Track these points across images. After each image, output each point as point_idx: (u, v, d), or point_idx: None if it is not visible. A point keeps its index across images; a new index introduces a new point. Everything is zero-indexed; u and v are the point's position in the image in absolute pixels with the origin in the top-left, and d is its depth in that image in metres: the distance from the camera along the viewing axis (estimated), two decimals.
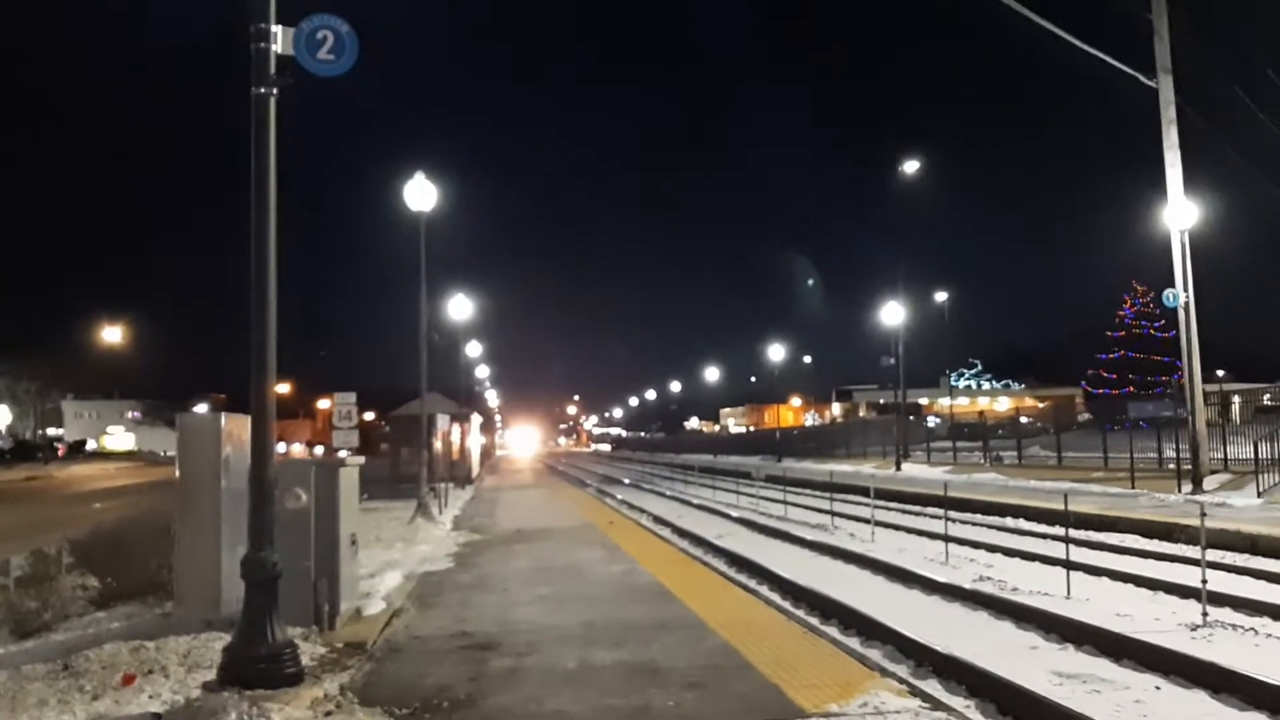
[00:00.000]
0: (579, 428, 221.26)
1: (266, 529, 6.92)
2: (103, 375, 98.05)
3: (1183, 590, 10.75)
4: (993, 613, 10.32)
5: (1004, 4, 20.82)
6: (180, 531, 8.56)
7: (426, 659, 7.62)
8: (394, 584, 11.20)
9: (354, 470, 9.27)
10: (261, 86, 6.96)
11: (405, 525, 18.41)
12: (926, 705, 6.03)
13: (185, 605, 8.35)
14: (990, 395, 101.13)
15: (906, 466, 39.41)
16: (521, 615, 9.39)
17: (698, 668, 7.03)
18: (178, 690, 6.48)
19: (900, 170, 43.37)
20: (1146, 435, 28.25)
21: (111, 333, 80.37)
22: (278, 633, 6.71)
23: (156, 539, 10.51)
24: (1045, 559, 13.76)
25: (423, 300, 22.04)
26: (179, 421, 9.10)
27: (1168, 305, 23.07)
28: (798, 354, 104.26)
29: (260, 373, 6.97)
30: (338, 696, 6.45)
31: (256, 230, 6.96)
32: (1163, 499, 20.36)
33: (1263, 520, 15.71)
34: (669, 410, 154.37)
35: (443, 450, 31.53)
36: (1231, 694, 7.01)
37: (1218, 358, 45.77)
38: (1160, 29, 22.27)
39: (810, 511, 22.90)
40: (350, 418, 19.66)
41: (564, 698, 6.39)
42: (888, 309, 44.00)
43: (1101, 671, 7.91)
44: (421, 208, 20.46)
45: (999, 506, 21.08)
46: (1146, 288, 71.47)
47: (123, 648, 7.25)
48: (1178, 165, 22.28)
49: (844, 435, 58.43)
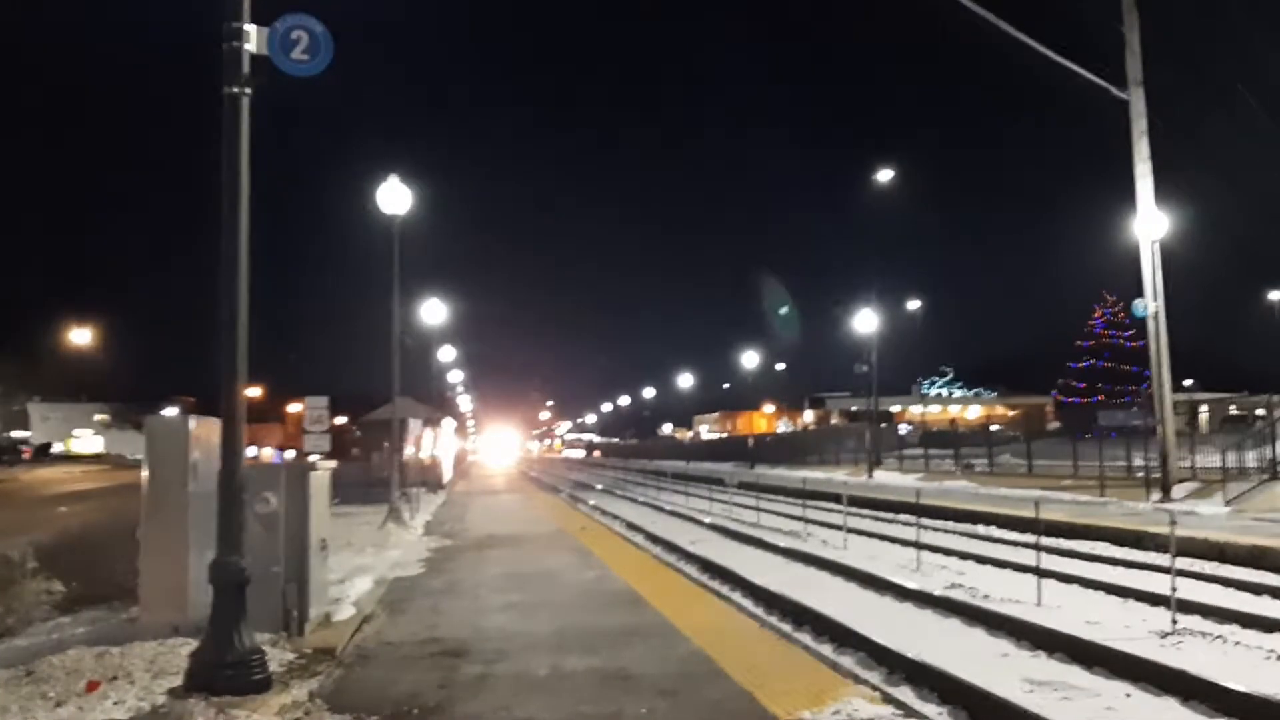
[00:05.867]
0: (552, 434, 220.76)
1: (235, 533, 6.83)
2: (70, 378, 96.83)
3: (1152, 598, 10.83)
4: (964, 620, 10.35)
5: (974, 13, 20.94)
6: (147, 536, 8.44)
7: (396, 665, 7.55)
8: (364, 589, 11.11)
9: (325, 474, 9.18)
10: (234, 86, 6.89)
11: (376, 530, 18.28)
12: (899, 712, 6.03)
13: (151, 611, 8.23)
14: (962, 403, 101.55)
15: (879, 474, 39.58)
16: (493, 622, 9.33)
17: (670, 675, 7.00)
18: (143, 697, 6.39)
19: (873, 179, 43.63)
20: (1116, 444, 28.52)
21: (80, 335, 79.58)
22: (246, 639, 6.62)
23: (123, 543, 10.37)
24: (1016, 566, 13.84)
25: (395, 304, 21.93)
26: (147, 425, 8.98)
27: (1137, 315, 23.31)
28: (771, 361, 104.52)
29: (230, 376, 6.90)
30: (306, 703, 6.37)
31: (228, 232, 6.88)
32: (1132, 507, 20.52)
33: (1230, 529, 15.87)
34: (642, 416, 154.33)
35: (415, 455, 31.35)
36: (1201, 701, 7.06)
37: (1186, 367, 46.17)
38: (1132, 42, 22.49)
39: (783, 518, 22.91)
40: (322, 422, 19.46)
41: (535, 705, 6.35)
42: (860, 317, 44.24)
43: (1072, 679, 7.94)
44: (395, 211, 20.37)
45: (971, 514, 21.19)
46: (1116, 298, 72.26)
47: (87, 653, 7.14)
48: (1148, 176, 22.49)
49: (817, 442, 58.72)
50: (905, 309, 73.78)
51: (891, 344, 57.99)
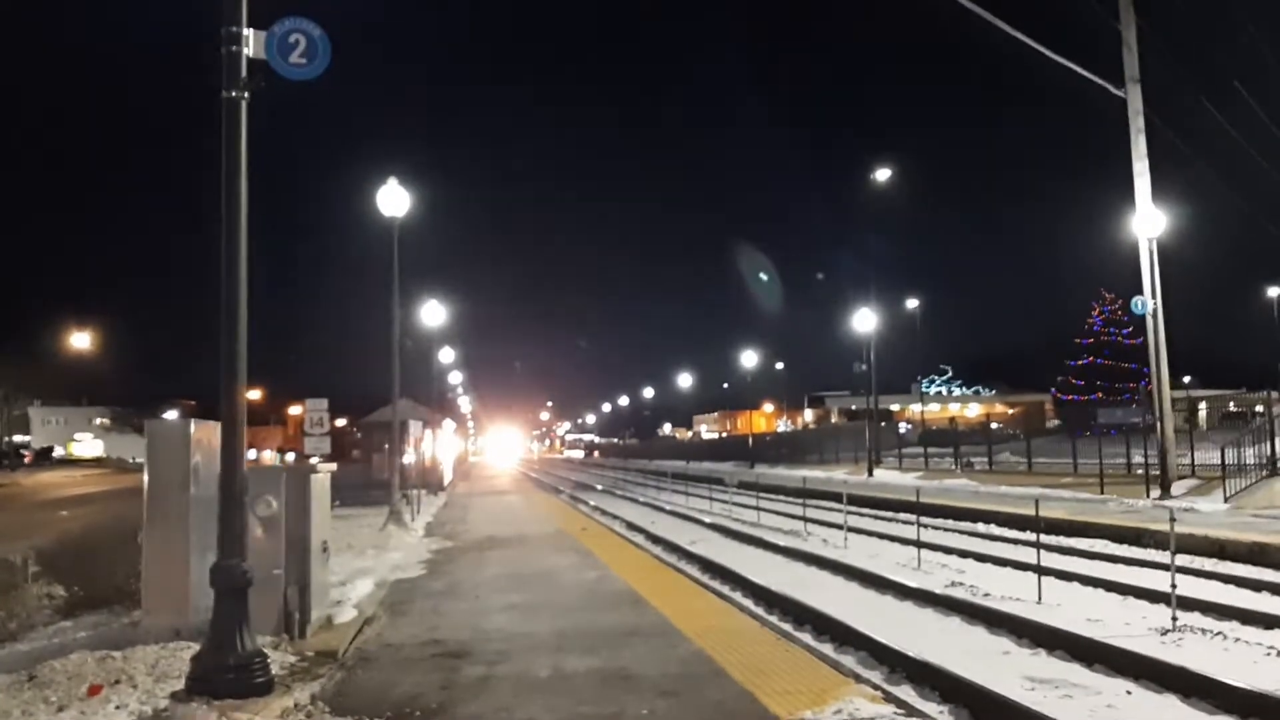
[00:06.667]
0: (552, 434, 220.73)
1: (236, 537, 6.84)
2: (71, 382, 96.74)
3: (1153, 595, 10.84)
4: (965, 618, 10.36)
5: (973, 11, 20.95)
6: (148, 539, 8.45)
7: (398, 667, 7.56)
8: (365, 591, 11.11)
9: (325, 477, 9.19)
10: (232, 90, 6.88)
11: (377, 532, 18.29)
12: (900, 711, 6.04)
13: (153, 614, 8.23)
14: (961, 401, 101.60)
15: (879, 472, 39.58)
16: (494, 623, 9.33)
17: (671, 675, 7.01)
18: (145, 701, 6.40)
19: (871, 178, 43.66)
20: (1115, 441, 28.51)
21: (80, 339, 79.32)
22: (247, 642, 6.63)
23: (124, 547, 10.39)
24: (1017, 564, 13.85)
25: (395, 306, 21.93)
26: (147, 428, 8.99)
27: (1136, 312, 23.30)
28: (770, 360, 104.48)
29: (230, 379, 6.90)
30: (308, 706, 6.38)
31: (227, 235, 6.88)
32: (1132, 504, 20.55)
33: (1230, 525, 15.88)
34: (642, 416, 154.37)
35: (415, 457, 31.35)
36: (1202, 698, 7.06)
37: (1185, 364, 46.29)
38: (1129, 39, 22.50)
39: (783, 517, 22.93)
40: (322, 424, 19.48)
41: (536, 706, 6.35)
42: (859, 316, 44.25)
43: (1073, 676, 7.95)
44: (394, 213, 20.39)
45: (971, 512, 21.20)
46: (1115, 295, 72.15)
47: (89, 657, 7.14)
48: (1146, 174, 22.51)
49: (816, 441, 58.70)
50: (904, 308, 73.94)
51: (891, 343, 58.16)
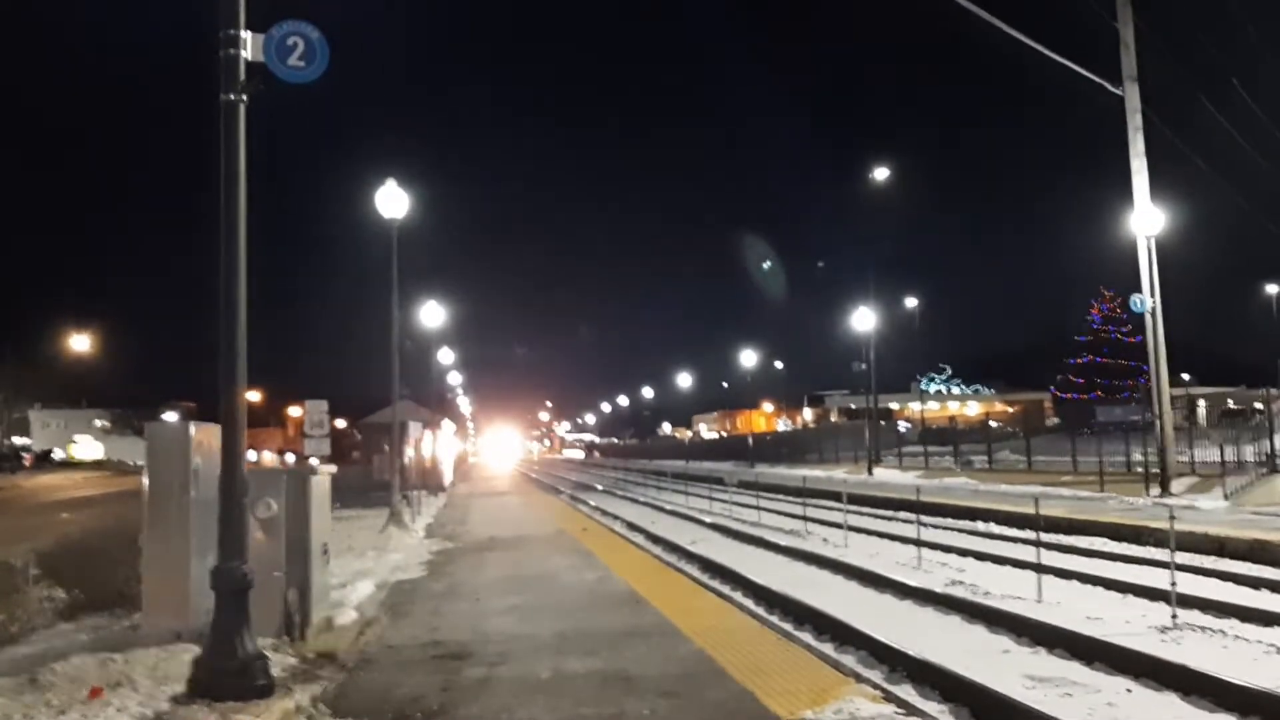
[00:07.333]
0: (551, 434, 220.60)
1: (237, 539, 6.84)
2: (70, 384, 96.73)
3: (1152, 593, 10.84)
4: (965, 617, 10.37)
5: (972, 11, 20.97)
6: (149, 542, 8.45)
7: (399, 669, 7.56)
8: (366, 593, 11.11)
9: (326, 478, 9.19)
10: (231, 93, 6.87)
11: (377, 533, 18.28)
12: (901, 711, 6.04)
13: (154, 617, 8.24)
14: (960, 400, 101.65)
15: (878, 471, 39.61)
16: (494, 624, 9.34)
17: (672, 675, 7.02)
18: (146, 703, 6.39)
19: (871, 177, 43.70)
20: (1115, 439, 28.55)
21: (79, 341, 79.48)
22: (248, 644, 6.63)
23: (124, 549, 10.38)
24: (1016, 563, 13.85)
25: (394, 307, 21.94)
26: (147, 430, 8.98)
27: (1135, 310, 23.35)
28: (769, 359, 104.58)
29: (230, 380, 6.90)
30: (309, 708, 6.39)
31: (226, 237, 6.88)
32: (1131, 502, 20.56)
33: (1230, 523, 15.90)
34: (642, 416, 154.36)
35: (415, 457, 31.36)
36: (1201, 696, 7.07)
37: (1184, 362, 46.28)
38: (1126, 38, 22.53)
39: (783, 517, 22.93)
40: (322, 425, 19.48)
41: (537, 707, 6.36)
42: (859, 314, 44.30)
43: (1073, 675, 7.96)
44: (393, 214, 20.40)
45: (970, 511, 21.20)
46: (1114, 293, 72.22)
47: (90, 660, 7.14)
48: (1144, 172, 22.54)
49: (816, 440, 58.72)
50: (904, 306, 74.01)
51: (890, 341, 58.17)
